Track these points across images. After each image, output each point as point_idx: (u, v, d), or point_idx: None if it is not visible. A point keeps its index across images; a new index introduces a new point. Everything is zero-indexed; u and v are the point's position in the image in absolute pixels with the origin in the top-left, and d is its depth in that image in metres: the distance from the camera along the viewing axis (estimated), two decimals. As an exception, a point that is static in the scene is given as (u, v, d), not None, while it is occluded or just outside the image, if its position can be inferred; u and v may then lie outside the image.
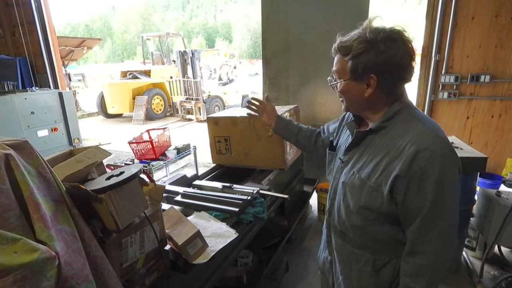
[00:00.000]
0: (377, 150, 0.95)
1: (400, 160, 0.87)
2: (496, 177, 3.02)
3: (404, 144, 0.88)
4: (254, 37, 37.20)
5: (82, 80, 14.17)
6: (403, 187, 0.87)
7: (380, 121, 0.95)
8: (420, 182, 0.84)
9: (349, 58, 0.91)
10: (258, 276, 1.91)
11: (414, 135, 0.87)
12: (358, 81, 0.93)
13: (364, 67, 0.89)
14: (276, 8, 3.15)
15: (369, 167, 0.95)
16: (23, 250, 0.61)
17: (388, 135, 0.93)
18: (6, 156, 0.67)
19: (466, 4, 2.93)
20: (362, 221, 0.99)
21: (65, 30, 39.73)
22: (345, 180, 1.02)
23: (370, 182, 0.93)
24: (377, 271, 1.02)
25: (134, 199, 0.91)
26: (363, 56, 0.88)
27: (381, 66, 0.87)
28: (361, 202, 0.96)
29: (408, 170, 0.85)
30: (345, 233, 1.07)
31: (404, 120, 0.92)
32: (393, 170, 0.88)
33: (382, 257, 1.00)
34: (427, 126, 0.88)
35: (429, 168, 0.83)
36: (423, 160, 0.83)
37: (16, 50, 5.03)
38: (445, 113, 3.25)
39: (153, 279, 1.03)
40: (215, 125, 2.16)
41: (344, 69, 0.94)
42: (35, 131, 4.21)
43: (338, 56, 0.96)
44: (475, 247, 2.47)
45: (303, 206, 2.82)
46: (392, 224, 0.96)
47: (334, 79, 1.01)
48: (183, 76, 9.13)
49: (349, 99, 1.00)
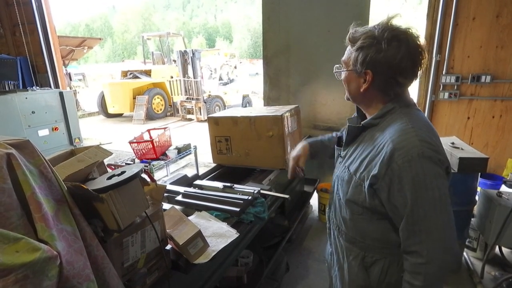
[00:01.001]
0: (366, 146, 0.97)
1: (379, 158, 0.87)
2: (497, 178, 3.02)
3: (384, 141, 0.88)
4: (255, 37, 37.20)
5: (82, 80, 14.16)
6: (385, 185, 0.87)
7: (371, 118, 0.98)
8: (400, 180, 0.84)
9: (354, 50, 0.93)
10: (258, 276, 1.91)
11: (394, 133, 0.87)
12: (357, 74, 0.94)
13: (363, 61, 0.90)
14: (277, 8, 3.15)
15: (357, 162, 0.97)
16: (25, 249, 0.61)
17: (376, 133, 0.95)
18: (8, 156, 0.67)
19: (467, 4, 2.92)
20: (350, 214, 1.02)
21: (66, 30, 39.75)
22: (338, 174, 1.07)
23: (355, 176, 0.96)
24: (366, 268, 1.04)
25: (135, 199, 0.91)
26: (364, 50, 0.89)
27: (378, 64, 0.88)
28: (348, 195, 0.99)
29: (387, 168, 0.85)
30: (339, 226, 1.11)
31: (393, 118, 0.93)
32: (373, 168, 0.89)
33: (371, 255, 1.02)
34: (411, 125, 0.87)
35: (406, 167, 0.82)
36: (400, 158, 0.83)
37: (17, 50, 5.04)
38: (445, 114, 3.25)
39: (154, 278, 1.03)
40: (216, 125, 2.16)
41: (349, 60, 0.96)
42: (36, 131, 4.22)
43: (348, 46, 0.97)
44: (476, 248, 2.46)
45: (303, 206, 2.82)
46: (380, 221, 0.96)
47: (340, 67, 1.03)
48: (184, 76, 9.13)
49: (349, 90, 1.02)
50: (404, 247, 0.91)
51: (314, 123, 3.28)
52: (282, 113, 1.98)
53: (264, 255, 2.06)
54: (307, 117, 3.22)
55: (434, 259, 0.86)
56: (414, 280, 0.89)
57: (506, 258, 2.40)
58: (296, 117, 2.32)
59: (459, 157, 2.01)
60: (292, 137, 2.15)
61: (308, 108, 3.24)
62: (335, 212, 1.13)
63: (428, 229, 0.85)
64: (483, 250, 2.41)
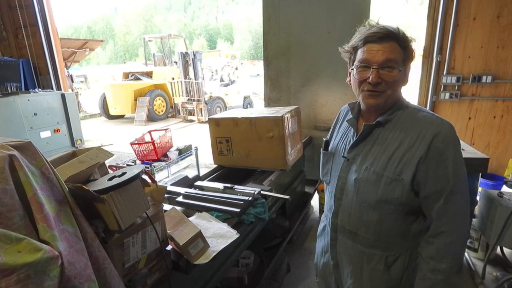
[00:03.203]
0: (388, 143, 0.97)
1: (418, 146, 0.92)
2: (498, 178, 3.01)
3: (418, 132, 0.93)
4: (256, 38, 37.21)
5: (84, 82, 14.22)
6: (424, 169, 0.91)
7: (387, 114, 0.99)
8: (440, 164, 0.90)
9: (403, 47, 0.94)
10: (259, 277, 1.91)
11: (425, 123, 0.94)
12: (404, 70, 0.97)
13: (410, 57, 0.97)
14: (277, 10, 3.15)
15: (383, 159, 0.97)
16: (27, 249, 0.61)
17: (396, 128, 0.97)
18: (10, 157, 0.67)
19: (468, 4, 2.92)
20: (379, 215, 0.99)
21: (68, 32, 39.85)
22: (358, 177, 1.01)
23: (387, 173, 0.95)
24: (389, 267, 1.03)
25: (136, 200, 0.91)
26: (410, 46, 0.96)
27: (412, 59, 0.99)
28: (379, 196, 0.97)
29: (427, 153, 0.90)
30: (356, 232, 1.05)
31: (408, 113, 0.98)
32: (413, 155, 0.92)
33: (393, 253, 1.02)
34: (431, 113, 0.98)
35: (446, 149, 0.89)
36: (440, 142, 0.89)
37: (19, 52, 5.07)
38: (446, 114, 3.24)
39: (155, 279, 1.03)
40: (217, 126, 2.17)
41: (399, 58, 0.94)
42: (38, 132, 4.23)
43: (393, 44, 0.92)
44: (477, 248, 2.46)
45: (304, 207, 2.82)
46: (408, 215, 0.99)
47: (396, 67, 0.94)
48: (185, 77, 9.16)
49: (395, 89, 0.97)
50: (433, 230, 0.94)
51: (314, 123, 3.28)
52: (282, 114, 1.99)
53: (265, 256, 2.06)
54: (307, 118, 3.22)
55: (462, 235, 0.93)
56: (441, 263, 0.92)
57: (507, 259, 2.39)
58: (296, 118, 2.33)
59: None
60: (292, 138, 2.16)
61: (308, 109, 3.25)
62: (349, 218, 1.06)
63: (461, 204, 0.92)
64: (485, 251, 2.40)
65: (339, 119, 1.23)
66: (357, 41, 0.96)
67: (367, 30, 0.93)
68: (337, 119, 1.24)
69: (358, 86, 0.98)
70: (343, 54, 1.03)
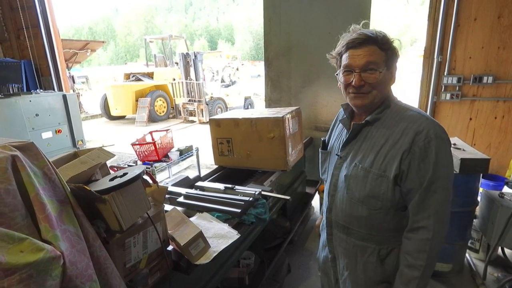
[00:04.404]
0: (375, 140, 1.01)
1: (401, 143, 0.94)
2: (499, 179, 3.01)
3: (401, 129, 0.96)
4: (257, 39, 37.24)
5: (85, 83, 14.27)
6: (406, 164, 0.95)
7: (375, 113, 1.02)
8: (420, 162, 0.92)
9: (385, 49, 0.97)
10: (260, 277, 1.91)
11: (410, 121, 0.96)
12: (388, 71, 1.00)
13: (394, 57, 1.00)
14: (278, 11, 3.16)
15: (371, 156, 1.00)
16: (29, 249, 0.62)
17: (383, 126, 1.00)
18: (13, 158, 0.68)
19: (468, 5, 2.92)
20: (367, 211, 1.03)
21: (69, 33, 39.95)
22: (348, 173, 1.06)
23: (373, 169, 0.99)
24: (382, 260, 1.06)
25: (137, 200, 0.92)
26: (392, 47, 0.99)
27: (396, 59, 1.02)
28: (366, 191, 1.01)
29: (410, 149, 0.93)
30: (348, 227, 1.10)
31: (395, 111, 1.01)
32: (397, 152, 0.95)
33: (386, 246, 1.05)
34: (417, 112, 0.99)
35: (428, 146, 0.91)
36: (422, 140, 0.92)
37: (21, 53, 5.09)
38: (447, 114, 3.24)
39: (156, 279, 1.04)
40: (218, 127, 2.17)
41: (380, 59, 0.98)
42: (40, 133, 4.25)
43: (373, 47, 0.96)
44: (478, 249, 2.45)
45: (305, 207, 2.82)
46: (397, 211, 1.01)
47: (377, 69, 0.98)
48: (186, 78, 9.17)
49: (381, 89, 1.01)
50: (411, 224, 0.97)
51: (315, 124, 3.28)
52: (283, 115, 1.99)
53: (265, 256, 2.06)
54: (308, 119, 3.23)
55: (439, 232, 0.94)
56: (417, 260, 0.94)
57: (508, 259, 2.39)
58: (297, 118, 2.33)
59: (461, 158, 2.01)
60: (293, 139, 2.16)
61: (309, 110, 3.25)
62: (341, 213, 1.10)
63: (437, 203, 0.93)
64: (486, 252, 2.40)
65: (337, 119, 1.28)
66: (340, 47, 1.02)
67: (348, 37, 0.98)
68: (335, 120, 1.29)
69: (345, 89, 1.05)
70: (330, 60, 1.10)
